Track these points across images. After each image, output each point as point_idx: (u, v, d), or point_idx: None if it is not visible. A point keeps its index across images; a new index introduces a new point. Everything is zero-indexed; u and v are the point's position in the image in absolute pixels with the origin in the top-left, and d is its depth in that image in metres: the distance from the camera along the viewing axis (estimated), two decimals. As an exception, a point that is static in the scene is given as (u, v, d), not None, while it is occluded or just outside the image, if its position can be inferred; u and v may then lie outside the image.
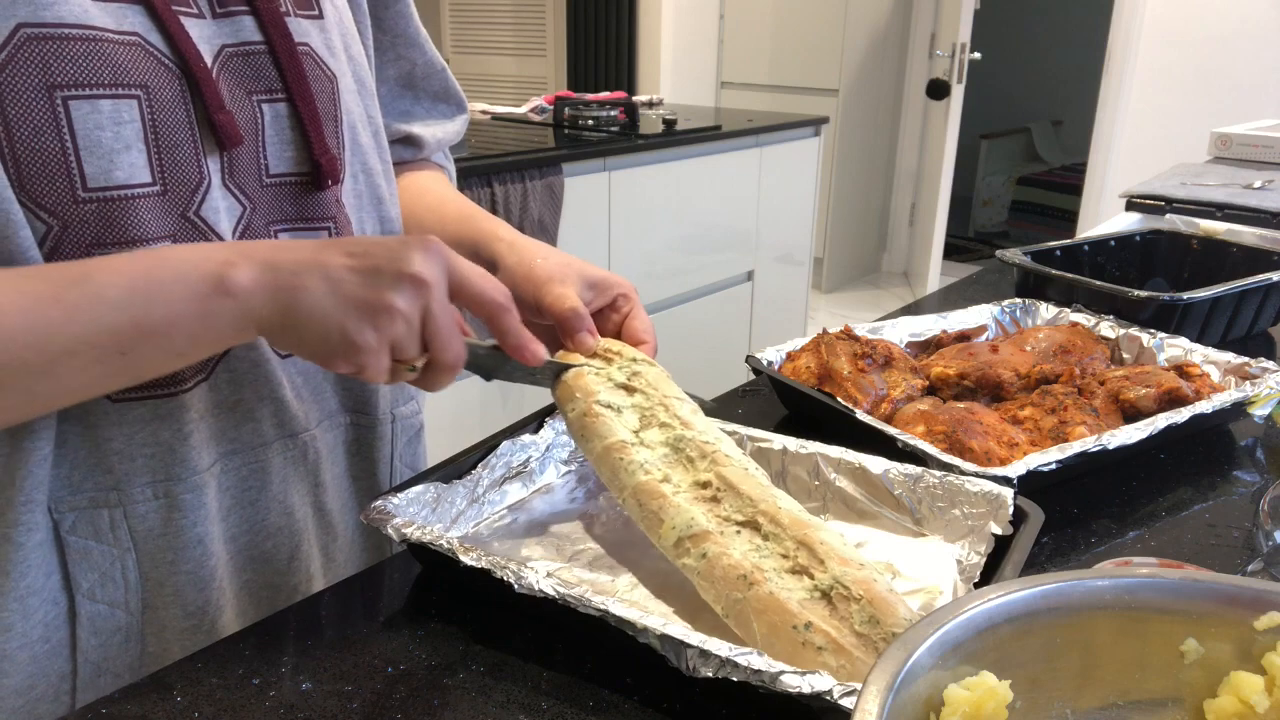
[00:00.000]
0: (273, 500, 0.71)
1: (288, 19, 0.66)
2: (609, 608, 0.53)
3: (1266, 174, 2.04)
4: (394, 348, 0.58)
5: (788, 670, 0.48)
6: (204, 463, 0.66)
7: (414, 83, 0.86)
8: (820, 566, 0.55)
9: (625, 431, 0.67)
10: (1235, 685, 0.45)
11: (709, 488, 0.63)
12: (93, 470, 0.62)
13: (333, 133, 0.69)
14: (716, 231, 2.95)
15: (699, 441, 0.66)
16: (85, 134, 0.56)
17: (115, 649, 0.66)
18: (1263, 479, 0.83)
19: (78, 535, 0.63)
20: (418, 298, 0.57)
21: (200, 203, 0.62)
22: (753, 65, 4.87)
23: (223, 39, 0.63)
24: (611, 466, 0.65)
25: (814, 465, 0.72)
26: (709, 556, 0.58)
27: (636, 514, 0.63)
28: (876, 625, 0.52)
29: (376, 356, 0.57)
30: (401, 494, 0.66)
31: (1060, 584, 0.46)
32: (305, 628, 0.61)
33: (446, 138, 0.91)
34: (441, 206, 0.86)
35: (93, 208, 0.57)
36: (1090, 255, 1.34)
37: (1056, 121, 6.45)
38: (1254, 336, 1.19)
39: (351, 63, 0.73)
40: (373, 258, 0.57)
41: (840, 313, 4.59)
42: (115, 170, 0.57)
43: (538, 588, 0.55)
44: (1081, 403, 0.86)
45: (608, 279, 0.78)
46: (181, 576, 0.66)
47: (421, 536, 0.61)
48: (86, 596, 0.64)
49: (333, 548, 0.77)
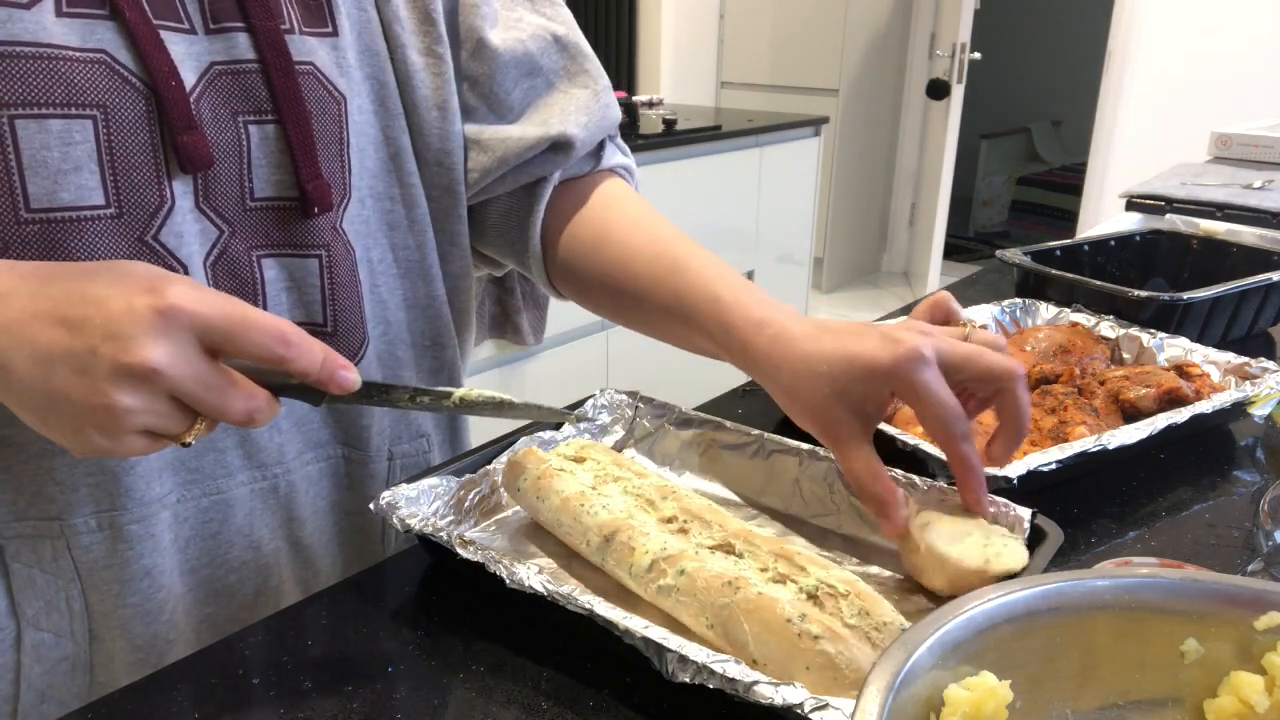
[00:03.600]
0: (236, 533, 0.68)
1: (291, 37, 0.62)
2: (594, 607, 0.53)
3: (1266, 174, 2.04)
4: (149, 432, 0.49)
5: (761, 680, 0.47)
6: (154, 493, 0.63)
7: (533, 66, 0.76)
8: (802, 573, 0.56)
9: (583, 485, 0.66)
10: (1235, 685, 0.45)
11: (675, 521, 0.62)
12: (35, 499, 0.61)
13: (335, 155, 0.65)
14: (716, 231, 2.95)
15: (656, 485, 0.66)
16: (31, 154, 0.54)
17: (61, 677, 0.64)
18: (1263, 479, 0.83)
19: (21, 562, 0.61)
20: (146, 388, 0.47)
21: (160, 226, 0.59)
22: (753, 65, 4.87)
23: (213, 56, 0.60)
24: (572, 514, 0.64)
25: (829, 473, 0.71)
26: (688, 572, 0.57)
27: (604, 551, 0.62)
28: (867, 617, 0.52)
29: (118, 447, 0.49)
30: (414, 485, 0.66)
31: (1060, 584, 0.46)
32: (305, 628, 0.61)
33: (594, 123, 0.77)
34: (627, 243, 0.73)
35: (35, 229, 0.55)
36: (1090, 255, 1.34)
37: (1056, 121, 6.46)
38: (1254, 336, 1.18)
39: (369, 81, 0.68)
40: (87, 334, 0.46)
41: (840, 313, 4.59)
42: (60, 191, 0.55)
43: (527, 584, 0.55)
44: (1081, 403, 0.86)
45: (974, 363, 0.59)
46: (128, 609, 0.64)
47: (423, 527, 0.61)
48: (30, 624, 0.63)
49: (312, 582, 0.74)
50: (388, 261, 0.72)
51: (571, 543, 0.65)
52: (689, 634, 0.54)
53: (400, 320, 0.74)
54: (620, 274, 0.74)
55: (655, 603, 0.59)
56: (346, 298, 0.68)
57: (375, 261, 0.71)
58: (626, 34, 4.68)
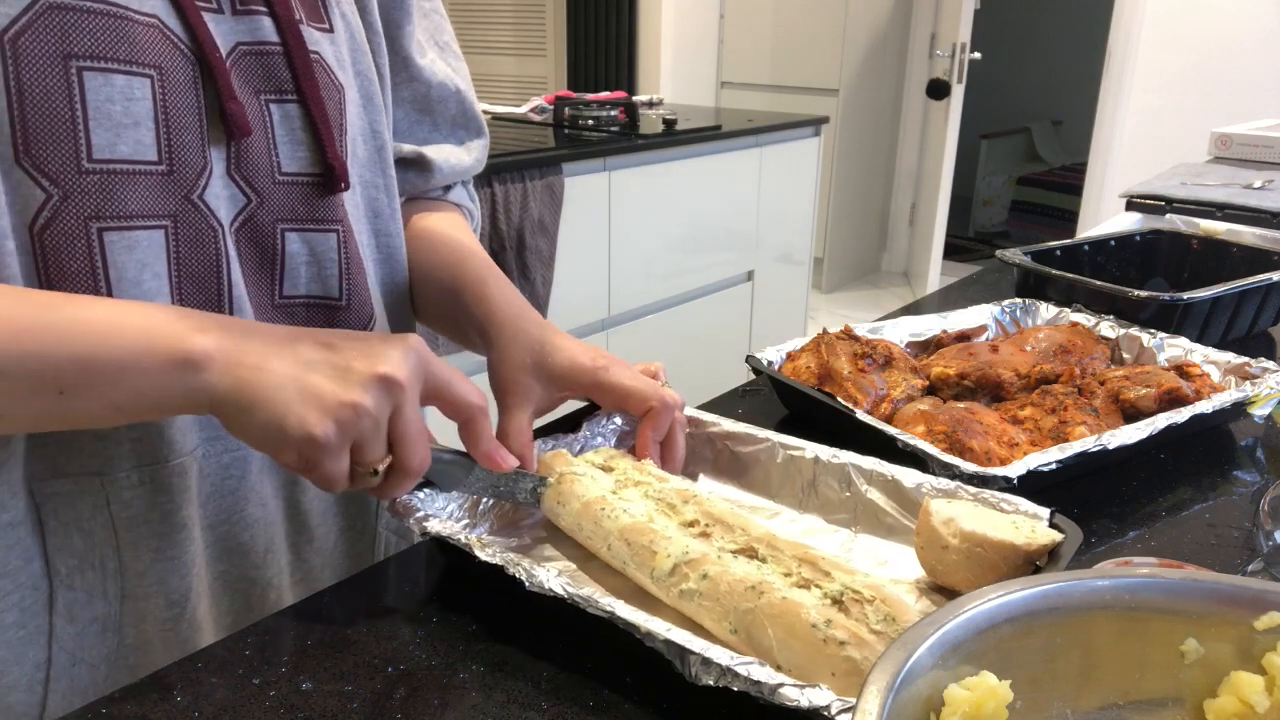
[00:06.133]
0: (251, 490, 0.70)
1: (301, 27, 0.67)
2: (615, 610, 0.53)
3: (1266, 174, 2.04)
4: (356, 448, 0.56)
5: (788, 683, 0.47)
6: (188, 445, 0.65)
7: (429, 106, 0.84)
8: (826, 578, 0.55)
9: (603, 490, 0.66)
10: (1235, 685, 0.45)
11: (696, 525, 0.62)
12: (76, 454, 0.62)
13: (339, 140, 0.69)
14: (716, 231, 2.95)
15: (678, 489, 0.66)
16: (96, 105, 0.56)
17: (92, 638, 0.65)
18: (1263, 479, 0.83)
19: (59, 520, 0.62)
20: (389, 399, 0.56)
21: (204, 188, 0.62)
22: (753, 65, 4.87)
23: (238, 36, 0.63)
24: (593, 518, 0.64)
25: (845, 475, 0.71)
26: (711, 576, 0.57)
27: (625, 555, 0.62)
28: (893, 623, 0.52)
29: (335, 455, 0.55)
30: (426, 488, 0.66)
31: (1060, 584, 0.46)
32: (305, 628, 0.61)
33: (461, 166, 0.88)
34: (434, 250, 0.82)
35: (95, 179, 0.57)
36: (1090, 255, 1.34)
37: (1056, 121, 6.46)
38: (1254, 336, 1.19)
39: (359, 77, 0.73)
40: (347, 353, 0.56)
41: (840, 313, 4.59)
42: (120, 144, 0.58)
43: (547, 587, 0.55)
44: (1081, 403, 0.86)
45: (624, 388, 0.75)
46: (165, 563, 0.66)
47: (440, 530, 0.61)
48: (64, 583, 0.63)
49: (306, 549, 0.76)
50: (372, 246, 0.77)
51: (592, 547, 0.65)
52: (710, 638, 0.54)
53: (380, 301, 0.78)
54: (423, 262, 0.83)
55: (677, 607, 0.59)
56: (358, 273, 0.72)
57: (364, 246, 0.75)
58: (626, 34, 4.68)
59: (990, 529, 0.59)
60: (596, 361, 0.73)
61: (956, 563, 0.60)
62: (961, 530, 0.59)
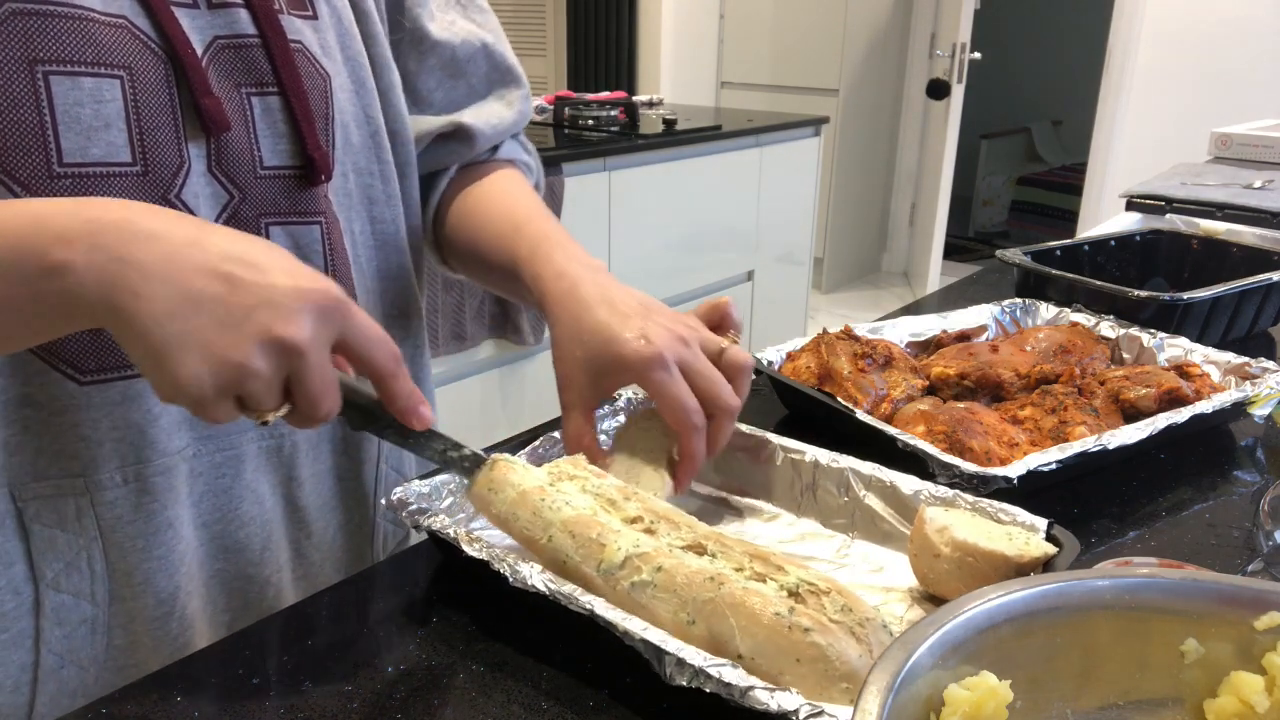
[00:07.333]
0: (246, 489, 0.70)
1: (281, 16, 0.66)
2: (594, 607, 0.53)
3: (1266, 174, 2.04)
4: (242, 402, 0.51)
5: (757, 685, 0.47)
6: (174, 445, 0.65)
7: (459, 69, 0.82)
8: (779, 572, 0.55)
9: (540, 481, 0.63)
10: (1235, 685, 0.45)
11: (641, 521, 0.60)
12: (58, 457, 0.61)
13: (323, 129, 0.69)
14: (716, 231, 2.95)
15: (617, 485, 0.63)
16: (65, 109, 0.56)
17: (80, 640, 0.65)
18: (1263, 479, 0.83)
19: (42, 523, 0.62)
20: (283, 364, 0.50)
21: (181, 186, 0.61)
22: (753, 65, 4.87)
23: (215, 30, 0.63)
24: (532, 508, 0.60)
25: (844, 480, 0.70)
26: (666, 569, 0.55)
27: (569, 547, 0.58)
28: (849, 613, 0.52)
29: (212, 408, 0.50)
30: (426, 481, 0.66)
31: (1060, 584, 0.46)
32: (305, 627, 0.61)
33: (504, 124, 0.84)
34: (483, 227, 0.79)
35: (67, 183, 0.57)
36: (1090, 255, 1.34)
37: (1056, 121, 6.46)
38: (1254, 336, 1.19)
39: (349, 63, 0.72)
40: (248, 292, 0.49)
41: (840, 313, 4.59)
42: (92, 147, 0.57)
43: (530, 583, 0.55)
44: (1081, 403, 0.86)
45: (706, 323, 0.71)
46: (152, 563, 0.66)
47: (431, 524, 0.61)
48: (50, 586, 0.63)
49: (305, 545, 0.76)
50: (367, 233, 0.76)
51: (529, 537, 0.61)
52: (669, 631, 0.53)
53: (375, 290, 0.78)
54: (477, 239, 0.81)
55: (624, 600, 0.56)
56: (342, 264, 0.72)
57: (356, 233, 0.75)
58: (626, 34, 4.68)
59: (983, 539, 0.59)
60: (642, 353, 0.65)
61: (948, 571, 0.60)
62: (954, 539, 0.59)
